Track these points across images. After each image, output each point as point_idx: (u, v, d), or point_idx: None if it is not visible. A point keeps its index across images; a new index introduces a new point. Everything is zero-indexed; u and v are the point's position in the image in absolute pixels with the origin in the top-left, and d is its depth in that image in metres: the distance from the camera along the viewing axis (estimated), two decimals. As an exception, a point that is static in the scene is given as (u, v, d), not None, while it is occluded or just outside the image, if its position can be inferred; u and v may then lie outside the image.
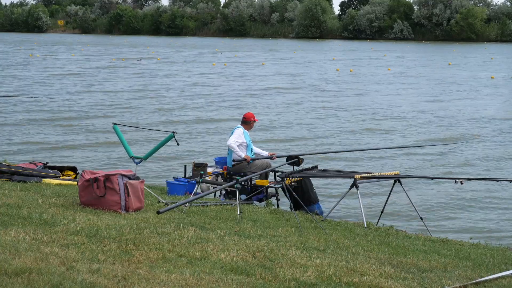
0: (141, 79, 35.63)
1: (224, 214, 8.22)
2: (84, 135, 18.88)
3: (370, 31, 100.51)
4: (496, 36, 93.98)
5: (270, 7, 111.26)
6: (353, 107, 25.86)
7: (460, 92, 31.75)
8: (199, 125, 20.93)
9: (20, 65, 43.35)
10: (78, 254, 5.46)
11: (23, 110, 23.23)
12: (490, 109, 25.92)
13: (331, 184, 13.46)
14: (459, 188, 12.90)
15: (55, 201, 7.79)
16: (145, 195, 8.14)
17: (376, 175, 9.74)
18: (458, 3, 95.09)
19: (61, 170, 10.45)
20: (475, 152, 17.45)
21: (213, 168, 11.19)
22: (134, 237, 6.15)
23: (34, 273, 4.78)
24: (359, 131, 20.45)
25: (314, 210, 10.10)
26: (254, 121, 11.14)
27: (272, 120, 22.02)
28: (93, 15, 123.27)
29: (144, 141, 17.64)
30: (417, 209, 9.73)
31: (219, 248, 6.07)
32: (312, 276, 5.43)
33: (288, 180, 9.65)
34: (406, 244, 7.61)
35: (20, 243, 5.61)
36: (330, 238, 7.43)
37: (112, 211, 7.39)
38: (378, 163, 15.87)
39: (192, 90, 30.83)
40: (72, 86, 31.71)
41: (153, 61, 50.03)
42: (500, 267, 6.66)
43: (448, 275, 5.96)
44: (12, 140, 17.81)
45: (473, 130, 20.81)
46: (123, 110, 23.89)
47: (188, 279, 5.02)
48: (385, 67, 46.24)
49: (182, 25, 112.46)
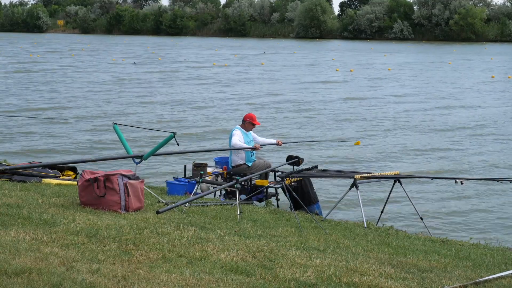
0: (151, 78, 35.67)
1: (224, 214, 8.21)
2: (84, 135, 18.88)
3: (370, 31, 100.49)
4: (496, 36, 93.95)
5: (271, 7, 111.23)
6: (352, 107, 25.88)
7: (460, 92, 31.75)
8: (199, 125, 20.93)
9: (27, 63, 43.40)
10: (78, 254, 5.46)
11: (22, 109, 23.24)
12: (490, 109, 25.92)
13: (331, 184, 13.46)
14: (459, 188, 12.91)
15: (55, 201, 7.78)
16: (145, 195, 8.14)
17: (376, 175, 9.74)
18: (457, 3, 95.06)
19: (61, 170, 10.45)
20: (475, 152, 17.45)
21: (213, 168, 11.19)
22: (134, 237, 6.15)
23: (34, 273, 4.77)
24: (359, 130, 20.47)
25: (314, 210, 10.10)
26: (250, 122, 11.03)
27: (279, 122, 22.04)
28: (93, 15, 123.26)
29: (144, 141, 17.65)
30: (417, 209, 9.73)
31: (219, 248, 6.07)
32: (312, 276, 5.43)
33: (288, 180, 9.65)
34: (406, 244, 7.61)
35: (20, 243, 5.61)
36: (330, 238, 7.43)
37: (112, 211, 7.39)
38: (378, 163, 15.88)
39: (193, 90, 30.84)
40: (73, 86, 31.73)
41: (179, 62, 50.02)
42: (500, 267, 6.66)
43: (448, 275, 5.95)
44: (11, 141, 17.81)
45: (473, 130, 20.81)
46: (123, 110, 23.89)
47: (188, 279, 5.02)
48: (385, 67, 46.23)
49: (182, 25, 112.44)
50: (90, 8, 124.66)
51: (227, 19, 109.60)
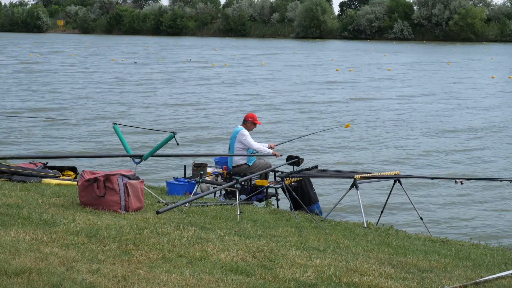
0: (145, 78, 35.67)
1: (224, 214, 8.21)
2: (85, 135, 18.88)
3: (370, 31, 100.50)
4: (496, 36, 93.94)
5: (271, 7, 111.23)
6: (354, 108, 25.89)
7: (460, 93, 31.75)
8: (199, 125, 20.93)
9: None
10: (78, 254, 5.46)
11: (23, 109, 23.24)
12: (490, 109, 25.91)
13: (331, 184, 13.46)
14: (459, 188, 12.91)
15: (55, 201, 7.78)
16: (145, 195, 8.13)
17: (376, 175, 9.74)
18: (457, 3, 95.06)
19: (61, 170, 10.45)
20: (475, 152, 17.45)
21: (213, 168, 11.18)
22: (134, 237, 6.15)
23: (34, 273, 4.77)
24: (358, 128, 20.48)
25: (314, 210, 10.10)
26: (252, 122, 11.01)
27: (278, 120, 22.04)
28: (93, 15, 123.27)
29: (144, 141, 17.65)
30: (417, 209, 9.73)
31: (219, 248, 6.06)
32: (312, 276, 5.43)
33: (288, 180, 9.65)
34: (406, 244, 7.61)
35: (20, 243, 5.61)
36: (330, 238, 7.43)
37: (112, 211, 7.39)
38: (378, 163, 15.88)
39: (193, 90, 30.84)
40: (73, 86, 31.73)
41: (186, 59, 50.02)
42: (500, 267, 6.66)
43: (448, 275, 5.95)
44: (11, 141, 17.81)
45: (473, 130, 20.82)
46: (123, 110, 23.89)
47: (188, 279, 5.01)
48: (385, 67, 46.24)
49: (182, 25, 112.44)
50: (90, 8, 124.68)
51: (227, 19, 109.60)
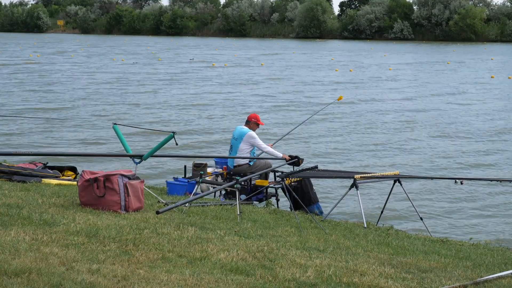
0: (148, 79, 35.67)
1: (224, 214, 8.21)
2: (85, 135, 18.88)
3: (370, 31, 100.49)
4: (496, 36, 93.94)
5: (271, 7, 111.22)
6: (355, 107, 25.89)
7: (460, 92, 31.74)
8: (199, 125, 20.93)
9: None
10: (78, 254, 5.46)
11: (23, 109, 23.24)
12: (489, 109, 25.91)
13: (331, 184, 13.46)
14: (459, 188, 12.91)
15: (55, 201, 7.78)
16: (145, 195, 8.13)
17: (376, 175, 9.74)
18: (457, 3, 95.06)
19: (61, 170, 10.46)
20: (475, 152, 17.45)
21: (213, 168, 11.18)
22: (134, 237, 6.15)
23: (34, 273, 4.77)
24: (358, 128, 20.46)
25: (314, 210, 10.10)
26: (255, 122, 10.99)
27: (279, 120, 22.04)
28: (93, 15, 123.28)
29: (144, 141, 17.65)
30: (417, 209, 9.73)
31: (219, 248, 6.07)
32: (312, 276, 5.43)
33: (288, 180, 9.65)
34: (406, 244, 7.61)
35: (20, 243, 5.61)
36: (330, 238, 7.43)
37: (112, 211, 7.39)
38: (378, 163, 15.87)
39: (193, 90, 30.84)
40: (73, 86, 31.74)
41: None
42: (500, 267, 6.66)
43: (448, 275, 5.96)
44: (12, 141, 17.81)
45: (472, 130, 20.81)
46: (124, 110, 23.89)
47: (188, 279, 5.01)
48: (385, 67, 46.23)
49: (182, 25, 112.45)
50: (90, 8, 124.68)
51: (227, 19, 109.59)
